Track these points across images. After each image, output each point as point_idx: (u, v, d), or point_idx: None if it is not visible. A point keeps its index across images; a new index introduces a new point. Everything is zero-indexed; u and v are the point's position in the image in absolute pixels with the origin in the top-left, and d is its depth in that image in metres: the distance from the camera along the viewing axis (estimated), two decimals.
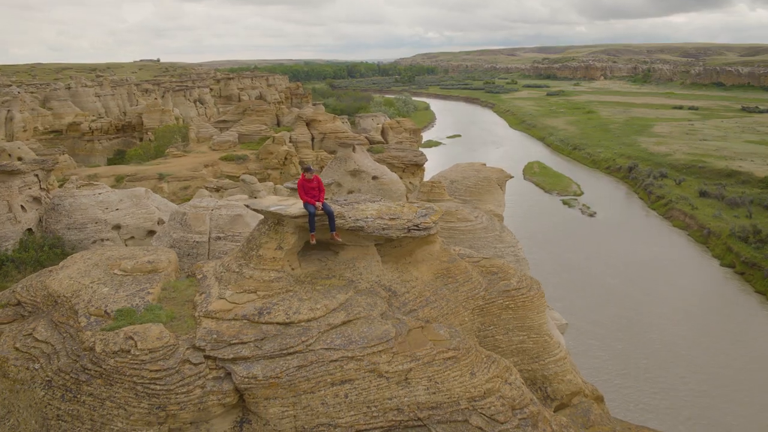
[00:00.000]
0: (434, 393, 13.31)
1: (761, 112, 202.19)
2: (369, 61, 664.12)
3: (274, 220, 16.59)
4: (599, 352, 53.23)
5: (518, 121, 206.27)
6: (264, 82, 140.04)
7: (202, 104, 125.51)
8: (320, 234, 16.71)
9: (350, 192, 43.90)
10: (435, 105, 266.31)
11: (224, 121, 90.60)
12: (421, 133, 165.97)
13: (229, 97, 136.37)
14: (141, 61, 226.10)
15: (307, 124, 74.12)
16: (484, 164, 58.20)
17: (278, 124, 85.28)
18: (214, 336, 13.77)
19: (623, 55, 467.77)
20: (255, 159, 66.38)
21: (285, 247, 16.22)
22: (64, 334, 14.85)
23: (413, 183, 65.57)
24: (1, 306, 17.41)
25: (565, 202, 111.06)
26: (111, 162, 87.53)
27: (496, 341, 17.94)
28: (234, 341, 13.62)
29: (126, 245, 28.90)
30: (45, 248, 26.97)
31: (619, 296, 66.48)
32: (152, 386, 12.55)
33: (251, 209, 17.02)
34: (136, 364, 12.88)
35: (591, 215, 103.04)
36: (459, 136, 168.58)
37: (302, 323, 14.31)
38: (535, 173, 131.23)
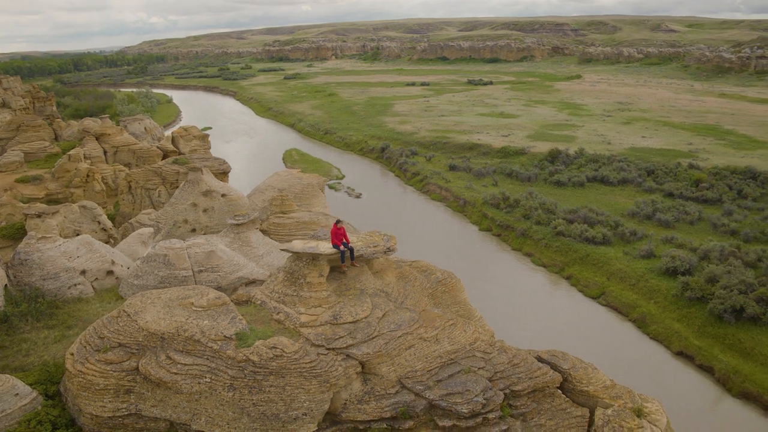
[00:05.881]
0: (453, 344, 25.13)
1: (485, 84, 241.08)
2: (92, 51, 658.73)
3: (309, 258, 26.56)
4: None
5: (264, 109, 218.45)
6: None
7: None
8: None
9: (205, 210, 52.11)
10: (175, 96, 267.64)
11: None
12: (169, 129, 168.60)
13: None
14: None
15: (96, 138, 77.05)
16: (300, 171, 69.40)
17: (56, 139, 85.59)
18: (323, 336, 23.83)
19: (351, 34, 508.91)
20: (51, 178, 68.68)
21: (324, 274, 26.46)
22: (203, 356, 23.45)
23: None
24: (106, 350, 24.75)
25: (331, 187, 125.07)
26: None
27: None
28: (336, 337, 23.87)
29: (93, 287, 34.68)
30: (39, 299, 31.94)
31: None
32: (314, 371, 22.40)
33: (291, 252, 26.63)
34: (293, 361, 22.51)
35: (357, 197, 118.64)
36: (210, 128, 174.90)
37: (363, 320, 24.97)
38: (296, 161, 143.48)
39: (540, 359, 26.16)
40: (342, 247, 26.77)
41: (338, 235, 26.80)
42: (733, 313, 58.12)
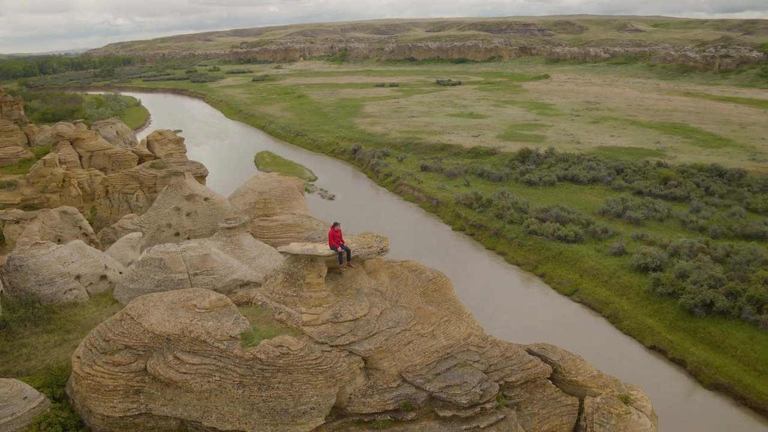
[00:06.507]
0: (448, 339, 26.62)
1: (454, 84, 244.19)
2: (57, 53, 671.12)
3: (308, 259, 27.80)
4: None
5: (234, 111, 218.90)
6: None
7: None
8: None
9: (188, 214, 52.91)
10: (143, 99, 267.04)
11: None
12: (138, 133, 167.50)
13: None
14: None
15: (71, 143, 77.17)
16: (278, 173, 70.34)
17: (29, 143, 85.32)
18: (325, 335, 25.11)
19: (319, 35, 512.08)
20: (26, 184, 68.75)
21: (322, 274, 27.76)
22: (210, 356, 24.55)
23: None
24: (113, 352, 25.69)
25: (304, 188, 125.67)
26: None
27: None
28: (339, 335, 25.18)
29: (88, 292, 35.44)
30: (37, 305, 32.60)
31: None
32: (320, 367, 23.67)
33: (290, 254, 27.85)
34: (299, 358, 23.74)
35: (331, 198, 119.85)
36: (180, 131, 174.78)
37: (362, 318, 26.32)
38: (267, 163, 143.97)
39: (530, 352, 27.81)
40: (339, 249, 28.09)
41: (336, 236, 28.13)
42: (703, 308, 60.63)
